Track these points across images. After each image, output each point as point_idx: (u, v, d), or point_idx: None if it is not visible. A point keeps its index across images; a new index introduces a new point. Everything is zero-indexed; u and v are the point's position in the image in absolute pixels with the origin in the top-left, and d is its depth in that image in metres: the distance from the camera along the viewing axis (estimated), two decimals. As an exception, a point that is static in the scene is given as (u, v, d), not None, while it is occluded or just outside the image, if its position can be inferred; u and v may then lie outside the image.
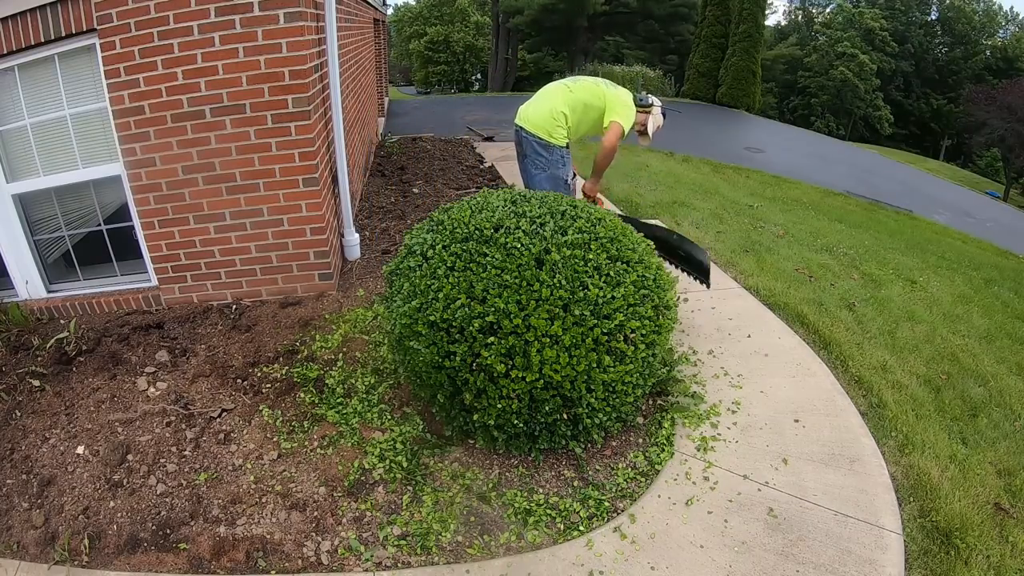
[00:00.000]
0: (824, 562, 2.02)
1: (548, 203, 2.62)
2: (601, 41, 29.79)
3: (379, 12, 10.23)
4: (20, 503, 2.27)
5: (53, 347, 2.99)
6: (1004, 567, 2.08)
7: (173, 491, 2.30)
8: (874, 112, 37.21)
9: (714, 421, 2.70)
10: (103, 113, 3.03)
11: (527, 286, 2.22)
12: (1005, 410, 3.08)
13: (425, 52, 34.21)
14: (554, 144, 3.66)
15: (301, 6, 2.89)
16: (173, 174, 3.11)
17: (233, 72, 2.94)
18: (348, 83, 4.67)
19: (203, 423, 2.59)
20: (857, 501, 2.27)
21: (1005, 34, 40.50)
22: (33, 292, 3.39)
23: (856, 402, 2.87)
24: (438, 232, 2.53)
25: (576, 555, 2.08)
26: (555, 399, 2.23)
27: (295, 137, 3.11)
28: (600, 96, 3.61)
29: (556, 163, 3.68)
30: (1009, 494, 2.44)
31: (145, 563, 2.06)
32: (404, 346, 2.36)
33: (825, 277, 4.47)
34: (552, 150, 3.67)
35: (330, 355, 2.97)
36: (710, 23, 20.27)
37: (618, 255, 2.42)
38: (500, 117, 12.70)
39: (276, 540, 2.12)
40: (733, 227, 5.48)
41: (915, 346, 3.56)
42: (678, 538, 2.14)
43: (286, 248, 3.36)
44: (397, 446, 2.49)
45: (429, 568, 2.05)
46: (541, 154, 3.69)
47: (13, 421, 2.61)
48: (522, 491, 2.34)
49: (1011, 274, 6.64)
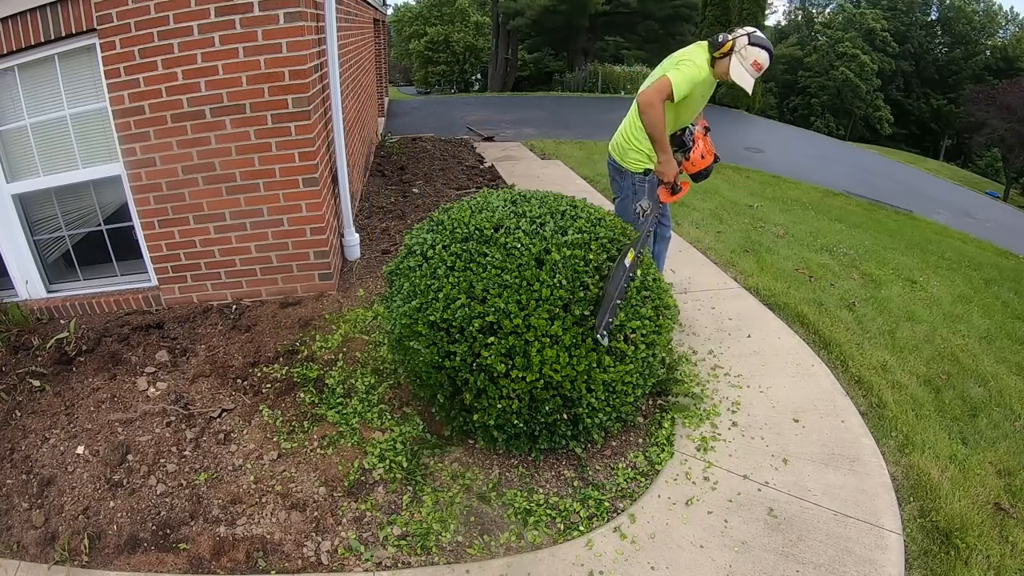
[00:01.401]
0: (824, 562, 2.02)
1: (548, 203, 2.62)
2: (601, 41, 29.78)
3: (379, 12, 10.23)
4: (20, 503, 2.27)
5: (53, 347, 2.99)
6: (1004, 567, 2.08)
7: (173, 491, 2.30)
8: (874, 112, 37.24)
9: (714, 421, 2.70)
10: (103, 113, 3.03)
11: (527, 286, 2.22)
12: (1005, 410, 3.08)
13: (425, 52, 34.21)
14: (626, 169, 3.06)
15: (301, 6, 2.89)
16: (173, 174, 3.11)
17: (233, 72, 2.94)
18: (348, 83, 4.67)
19: (203, 423, 2.59)
20: (857, 501, 2.27)
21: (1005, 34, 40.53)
22: (33, 292, 3.39)
23: (856, 402, 2.87)
24: (438, 232, 2.53)
25: (576, 555, 2.08)
26: (555, 399, 2.23)
27: (295, 137, 3.11)
28: (664, 69, 2.88)
29: (627, 190, 3.08)
30: (1009, 494, 2.44)
31: (145, 563, 2.06)
32: (404, 346, 2.36)
33: (825, 277, 4.47)
34: (624, 175, 3.09)
35: (330, 355, 2.97)
36: (710, 23, 20.29)
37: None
38: (500, 117, 12.71)
39: (276, 540, 2.12)
40: (733, 227, 5.48)
41: (915, 346, 3.56)
42: (678, 538, 2.14)
43: (286, 248, 3.36)
44: (397, 446, 2.49)
45: (429, 568, 2.05)
46: (614, 178, 3.20)
47: (13, 421, 2.61)
48: (522, 491, 2.34)
49: (1011, 274, 6.64)
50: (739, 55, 2.71)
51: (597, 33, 28.40)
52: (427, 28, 34.36)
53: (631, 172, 3.03)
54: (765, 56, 2.70)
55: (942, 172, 24.03)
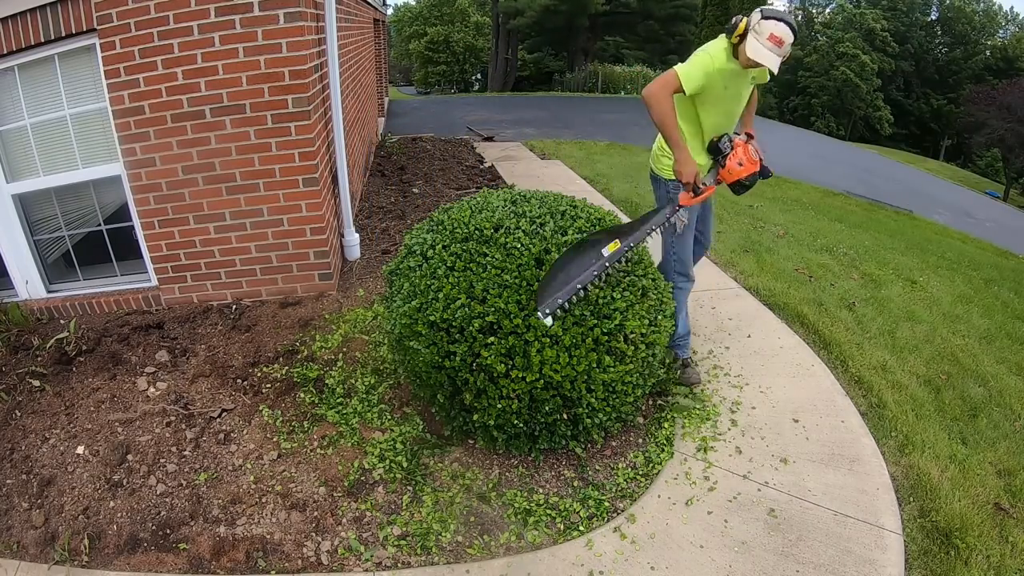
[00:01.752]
0: (824, 562, 2.02)
1: (548, 203, 2.62)
2: (601, 41, 29.77)
3: (379, 12, 10.24)
4: (20, 503, 2.27)
5: (53, 347, 2.99)
6: (1004, 567, 2.08)
7: (173, 491, 2.30)
8: (874, 112, 37.25)
9: (714, 421, 2.70)
10: (103, 113, 3.03)
11: (527, 286, 2.22)
12: (1005, 410, 3.07)
13: (425, 52, 34.23)
14: (659, 175, 2.88)
15: (301, 6, 2.89)
16: (173, 174, 3.11)
17: (233, 72, 2.94)
18: (348, 83, 4.67)
19: (203, 423, 2.59)
20: (857, 501, 2.27)
21: (1005, 34, 40.55)
22: (33, 292, 3.39)
23: (856, 402, 2.87)
24: (438, 232, 2.53)
25: (576, 555, 2.08)
26: (555, 399, 2.23)
27: (295, 137, 3.11)
28: None
29: (662, 199, 2.90)
30: (1009, 494, 2.44)
31: (145, 563, 2.06)
32: (404, 346, 2.36)
33: (825, 277, 4.47)
34: (658, 183, 2.91)
35: (330, 355, 2.97)
36: (710, 23, 20.31)
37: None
38: (500, 117, 12.71)
39: (276, 540, 2.12)
40: (733, 227, 5.48)
41: (915, 346, 3.56)
42: (678, 538, 2.14)
43: (286, 248, 3.36)
44: (397, 446, 2.49)
45: (429, 568, 2.05)
46: (654, 188, 3.00)
47: (13, 421, 2.61)
48: (522, 491, 2.34)
49: (1011, 274, 6.64)
50: (754, 32, 2.46)
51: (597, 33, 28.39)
52: (427, 28, 34.39)
53: (663, 179, 2.87)
54: (783, 28, 2.42)
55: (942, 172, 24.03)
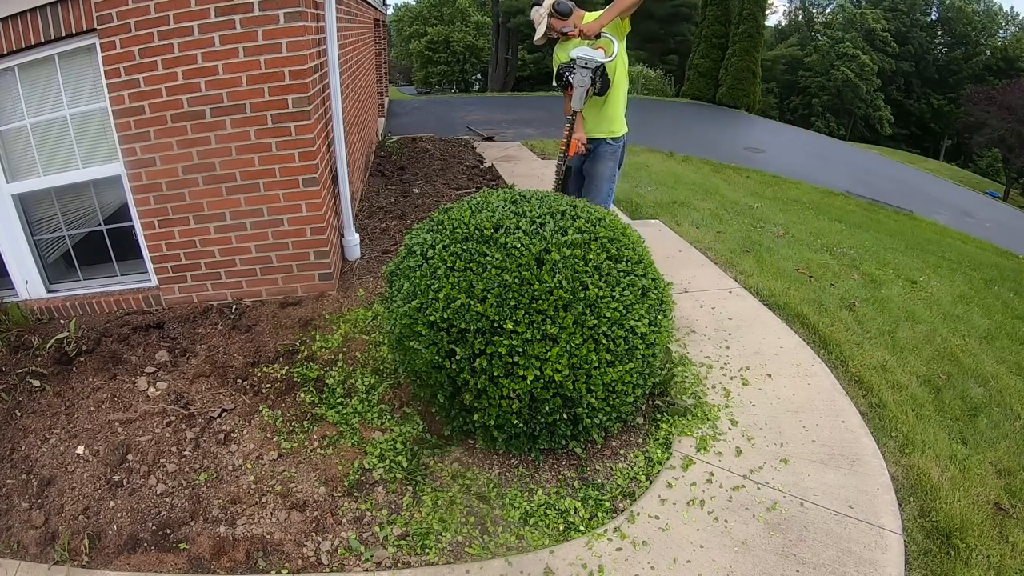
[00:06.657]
0: (824, 562, 2.02)
1: (548, 203, 2.62)
2: (601, 41, 29.74)
3: (379, 12, 10.23)
4: (20, 503, 2.27)
5: (53, 347, 2.99)
6: (1004, 567, 2.08)
7: (173, 491, 2.30)
8: (874, 112, 37.24)
9: (714, 421, 2.70)
10: (103, 113, 3.03)
11: (527, 286, 2.22)
12: (1005, 410, 3.07)
13: (425, 52, 34.22)
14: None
15: (301, 6, 2.89)
16: (173, 174, 3.11)
17: (233, 72, 2.94)
18: (348, 83, 4.66)
19: (203, 423, 2.59)
20: (857, 501, 2.27)
21: (1005, 34, 40.52)
22: (33, 292, 3.39)
23: (856, 402, 2.87)
24: (438, 232, 2.53)
25: (576, 555, 2.08)
26: (555, 399, 2.23)
27: (295, 137, 3.11)
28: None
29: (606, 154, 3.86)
30: (1009, 494, 2.44)
31: (145, 563, 2.06)
32: (404, 346, 2.36)
33: (825, 277, 4.47)
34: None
35: (330, 355, 2.97)
36: (710, 23, 20.30)
37: (618, 255, 2.42)
38: (500, 117, 12.71)
39: (276, 540, 2.12)
40: (733, 227, 5.48)
41: (915, 346, 3.56)
42: (678, 538, 2.14)
43: (286, 248, 3.36)
44: (397, 446, 2.49)
45: (429, 568, 2.04)
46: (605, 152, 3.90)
47: (13, 421, 2.61)
48: (522, 491, 2.34)
49: (1011, 274, 6.64)
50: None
51: (597, 33, 28.37)
52: (427, 28, 34.37)
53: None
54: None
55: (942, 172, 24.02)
